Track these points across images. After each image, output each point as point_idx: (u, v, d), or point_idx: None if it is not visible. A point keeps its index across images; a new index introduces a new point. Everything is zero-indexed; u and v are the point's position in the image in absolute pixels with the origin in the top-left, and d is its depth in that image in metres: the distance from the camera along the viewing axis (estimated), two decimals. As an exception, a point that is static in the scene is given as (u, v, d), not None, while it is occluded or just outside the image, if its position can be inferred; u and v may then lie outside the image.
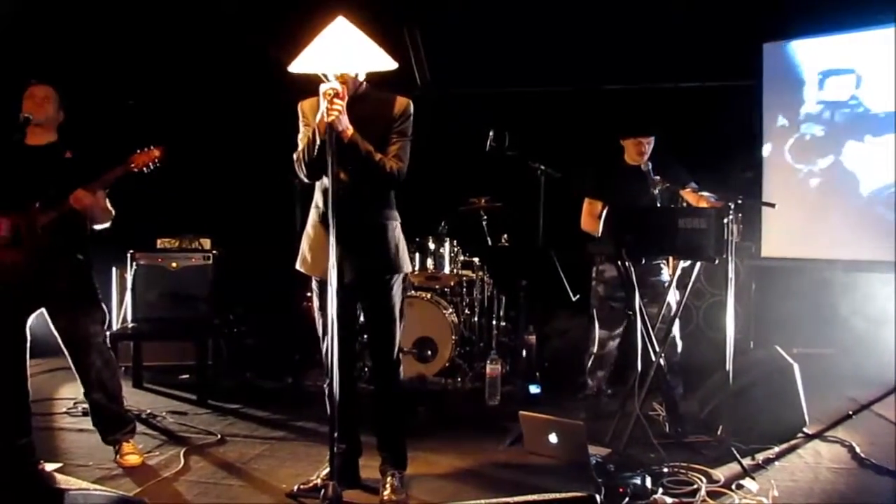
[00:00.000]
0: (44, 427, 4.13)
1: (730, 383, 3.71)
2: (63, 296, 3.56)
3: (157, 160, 3.58)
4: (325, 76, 2.90)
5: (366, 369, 5.00)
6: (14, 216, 3.51)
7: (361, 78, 3.07)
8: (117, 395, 3.69)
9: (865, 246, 5.25)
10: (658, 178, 4.16)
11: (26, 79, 3.59)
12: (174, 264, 5.46)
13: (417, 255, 5.43)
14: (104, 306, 3.72)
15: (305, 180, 3.16)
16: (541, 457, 3.69)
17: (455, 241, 5.57)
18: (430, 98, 5.87)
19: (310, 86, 2.97)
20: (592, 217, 4.45)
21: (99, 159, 3.58)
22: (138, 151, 3.56)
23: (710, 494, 3.20)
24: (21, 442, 3.57)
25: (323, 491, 2.84)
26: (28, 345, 3.61)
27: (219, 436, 4.07)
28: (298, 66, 2.87)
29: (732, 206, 3.63)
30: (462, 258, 5.65)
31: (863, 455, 3.71)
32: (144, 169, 3.56)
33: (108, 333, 3.76)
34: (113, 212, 3.71)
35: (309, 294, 5.15)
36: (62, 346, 3.60)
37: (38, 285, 3.53)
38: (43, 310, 3.59)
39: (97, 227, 3.69)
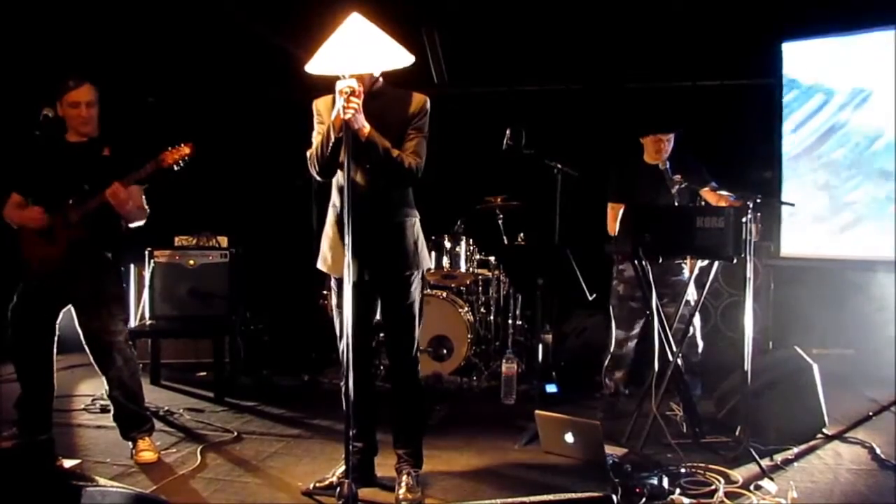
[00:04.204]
0: (62, 423, 4.15)
1: (748, 383, 3.68)
2: (89, 293, 3.59)
3: (187, 157, 3.59)
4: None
5: (381, 367, 5.01)
6: (49, 211, 3.55)
7: (377, 74, 3.06)
8: (136, 394, 3.72)
9: (885, 245, 5.19)
10: (677, 176, 4.12)
11: (60, 73, 3.58)
12: (192, 262, 5.49)
13: (434, 253, 5.43)
14: (127, 305, 3.74)
15: (318, 178, 3.13)
16: (557, 456, 3.68)
17: (471, 240, 5.57)
18: (447, 96, 5.86)
19: (325, 83, 2.96)
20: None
21: (135, 157, 3.60)
22: (169, 148, 3.58)
23: (728, 495, 3.17)
24: (41, 438, 3.61)
25: (339, 489, 2.84)
26: (56, 341, 3.64)
27: (235, 433, 4.09)
28: (314, 66, 2.84)
29: (751, 205, 3.60)
30: (478, 257, 5.65)
31: (883, 456, 3.68)
32: (174, 166, 3.57)
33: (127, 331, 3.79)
34: (148, 210, 3.73)
35: (325, 292, 5.20)
36: (84, 342, 3.63)
37: (68, 282, 3.57)
38: (70, 307, 3.63)
39: (132, 224, 3.71)
